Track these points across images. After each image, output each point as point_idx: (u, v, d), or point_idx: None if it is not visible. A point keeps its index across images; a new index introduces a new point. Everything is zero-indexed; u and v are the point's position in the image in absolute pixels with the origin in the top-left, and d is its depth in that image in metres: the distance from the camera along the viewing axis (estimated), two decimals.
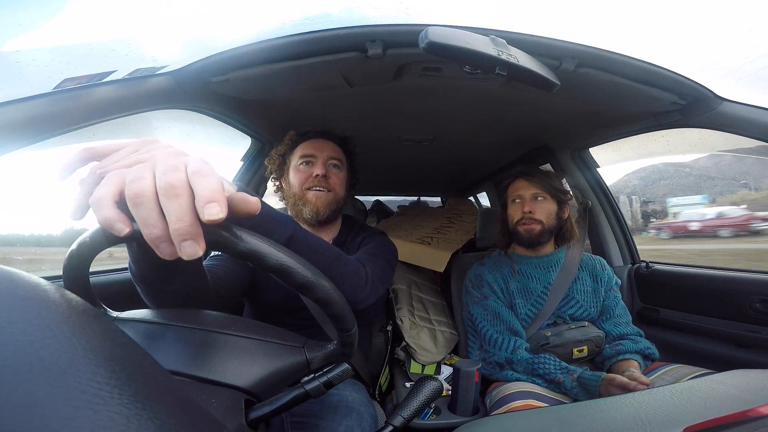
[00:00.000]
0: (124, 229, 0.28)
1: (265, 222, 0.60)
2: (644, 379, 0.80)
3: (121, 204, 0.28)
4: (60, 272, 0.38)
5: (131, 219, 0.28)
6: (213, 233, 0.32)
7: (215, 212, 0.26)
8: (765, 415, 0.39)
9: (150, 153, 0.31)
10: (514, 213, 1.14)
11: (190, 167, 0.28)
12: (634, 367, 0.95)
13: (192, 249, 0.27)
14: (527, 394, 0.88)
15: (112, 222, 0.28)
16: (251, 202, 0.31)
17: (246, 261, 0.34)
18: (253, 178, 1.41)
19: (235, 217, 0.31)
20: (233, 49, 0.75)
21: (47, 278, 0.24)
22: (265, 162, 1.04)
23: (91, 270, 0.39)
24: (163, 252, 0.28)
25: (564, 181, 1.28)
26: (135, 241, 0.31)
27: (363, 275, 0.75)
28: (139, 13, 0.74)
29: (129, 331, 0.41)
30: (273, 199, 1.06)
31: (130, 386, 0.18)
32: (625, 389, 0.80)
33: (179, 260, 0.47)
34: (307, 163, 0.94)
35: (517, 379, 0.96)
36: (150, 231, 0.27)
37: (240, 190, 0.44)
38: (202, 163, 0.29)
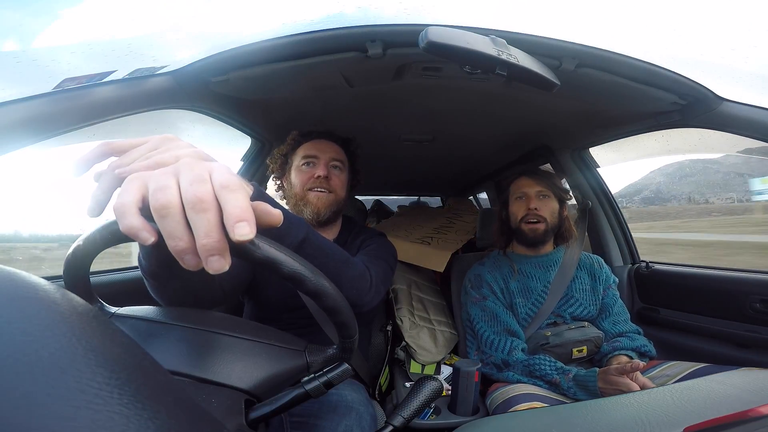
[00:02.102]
0: (149, 238, 0.27)
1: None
2: (636, 362, 0.81)
3: (144, 210, 0.27)
4: (60, 272, 0.38)
5: (155, 226, 0.27)
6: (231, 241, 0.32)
7: (246, 233, 0.26)
8: (765, 415, 0.39)
9: (170, 153, 0.30)
10: (518, 210, 1.13)
11: (216, 179, 0.27)
12: (623, 360, 0.97)
13: (219, 264, 0.27)
14: (531, 397, 0.87)
15: (137, 231, 0.27)
16: (274, 215, 0.30)
17: (261, 268, 0.34)
18: (253, 178, 1.41)
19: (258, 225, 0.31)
20: (233, 49, 0.75)
21: (47, 278, 0.24)
22: (267, 161, 1.05)
23: (91, 270, 0.39)
24: (188, 263, 0.28)
25: (564, 181, 1.29)
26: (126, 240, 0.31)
27: (368, 278, 0.76)
28: (140, 13, 0.74)
29: (129, 329, 0.41)
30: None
31: (130, 386, 0.18)
32: (622, 372, 0.81)
33: None
34: (309, 163, 0.94)
35: (519, 381, 0.96)
36: (176, 243, 0.27)
37: (256, 191, 0.44)
38: (228, 174, 0.28)
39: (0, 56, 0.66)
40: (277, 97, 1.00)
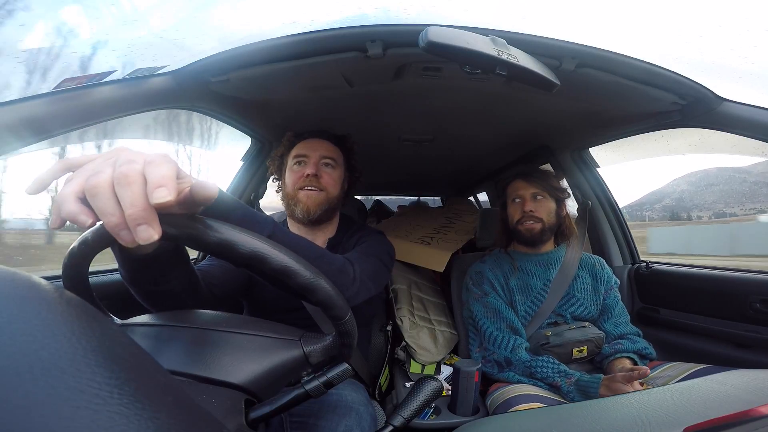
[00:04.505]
0: (87, 220, 0.29)
1: (242, 223, 0.61)
2: (642, 369, 0.81)
3: (86, 200, 0.29)
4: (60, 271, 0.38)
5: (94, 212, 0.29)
6: (183, 226, 0.32)
7: (162, 195, 0.28)
8: (765, 415, 0.39)
9: (117, 155, 0.32)
10: (514, 212, 1.14)
11: (147, 159, 0.30)
12: (626, 364, 0.96)
13: (146, 233, 0.28)
14: (531, 397, 0.87)
15: (75, 215, 0.29)
16: (208, 187, 0.33)
17: (218, 254, 0.34)
18: (253, 178, 1.41)
19: (197, 203, 0.33)
20: (233, 49, 0.75)
21: (47, 278, 0.24)
22: (267, 162, 1.05)
23: (91, 270, 0.39)
24: (124, 239, 0.29)
25: (563, 181, 1.29)
26: (112, 240, 0.31)
27: (350, 273, 0.74)
28: (139, 13, 0.74)
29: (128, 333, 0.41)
30: (276, 199, 1.07)
31: (130, 386, 0.18)
32: (629, 380, 0.80)
33: (164, 261, 0.47)
34: (300, 163, 0.94)
35: (519, 381, 0.96)
36: (108, 219, 0.29)
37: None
38: (159, 156, 0.30)
39: (1, 55, 0.66)
40: (277, 97, 1.00)
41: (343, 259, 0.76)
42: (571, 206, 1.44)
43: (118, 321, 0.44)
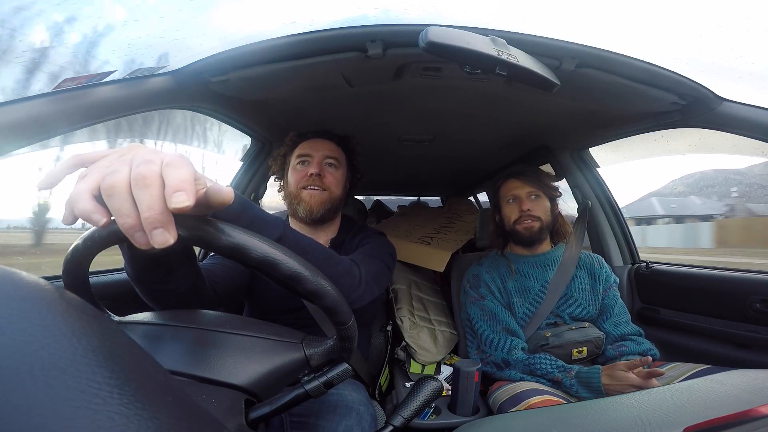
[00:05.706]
0: (101, 219, 0.29)
1: (254, 224, 0.61)
2: (645, 359, 0.80)
3: (101, 198, 0.29)
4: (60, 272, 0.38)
5: (109, 211, 0.29)
6: (196, 228, 0.32)
7: (182, 200, 0.27)
8: (765, 415, 0.39)
9: (132, 153, 0.32)
10: (511, 213, 1.14)
11: (165, 160, 0.29)
12: None
13: (162, 237, 0.28)
14: (540, 392, 0.87)
15: (89, 214, 0.29)
16: (224, 191, 0.32)
17: (230, 257, 0.34)
18: (253, 178, 1.41)
19: (211, 206, 0.32)
20: (233, 49, 0.75)
21: (47, 278, 0.24)
22: (269, 162, 1.06)
23: (91, 270, 0.39)
24: (138, 241, 0.29)
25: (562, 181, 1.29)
26: (120, 239, 0.31)
27: (356, 275, 0.75)
28: (139, 13, 0.74)
29: (127, 332, 0.41)
30: (275, 199, 1.07)
31: (130, 386, 0.18)
32: (630, 368, 0.80)
33: (172, 260, 0.47)
34: (303, 162, 0.95)
35: (521, 378, 0.96)
36: (124, 221, 0.28)
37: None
38: (177, 157, 0.29)
39: (1, 55, 0.66)
40: (277, 98, 1.00)
41: (349, 261, 0.76)
42: (571, 206, 1.44)
43: (116, 318, 0.44)
